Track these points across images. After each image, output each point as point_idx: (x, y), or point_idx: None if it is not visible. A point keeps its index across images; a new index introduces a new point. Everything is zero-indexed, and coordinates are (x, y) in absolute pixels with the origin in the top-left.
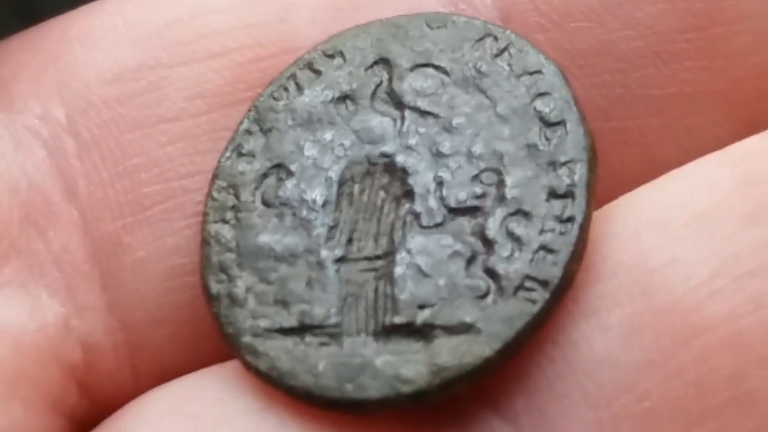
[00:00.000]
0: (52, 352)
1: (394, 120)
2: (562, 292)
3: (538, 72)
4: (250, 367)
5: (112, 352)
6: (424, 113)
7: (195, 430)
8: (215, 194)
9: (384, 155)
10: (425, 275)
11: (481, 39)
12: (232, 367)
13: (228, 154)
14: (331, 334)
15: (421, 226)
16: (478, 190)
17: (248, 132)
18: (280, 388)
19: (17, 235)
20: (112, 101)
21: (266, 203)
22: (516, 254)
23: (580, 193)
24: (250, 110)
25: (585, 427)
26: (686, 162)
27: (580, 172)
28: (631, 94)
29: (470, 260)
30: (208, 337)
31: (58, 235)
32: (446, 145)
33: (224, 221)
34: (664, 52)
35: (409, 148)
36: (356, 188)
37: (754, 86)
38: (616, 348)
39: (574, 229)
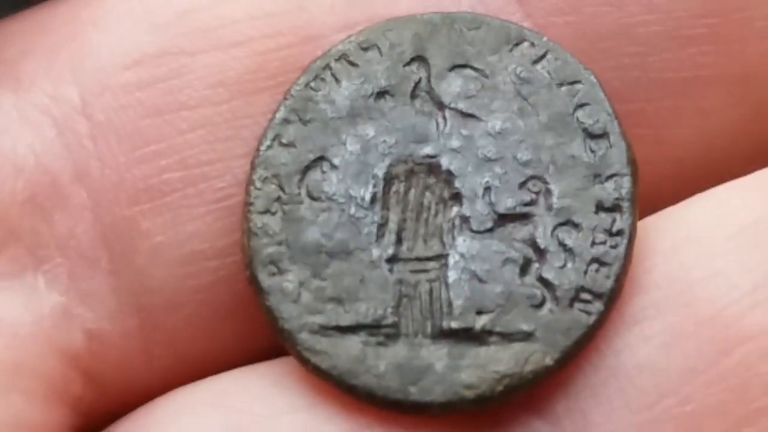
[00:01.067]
0: (51, 342)
1: (436, 120)
2: (613, 303)
3: (578, 82)
4: (308, 364)
5: (120, 338)
6: (465, 115)
7: (238, 424)
8: (258, 184)
9: (428, 156)
10: (481, 281)
11: (517, 44)
12: (272, 365)
13: (268, 143)
14: (388, 334)
15: (472, 231)
16: (526, 197)
17: (287, 121)
18: (340, 386)
19: (17, 220)
20: (130, 86)
21: (312, 197)
22: (569, 265)
23: (627, 207)
24: (286, 98)
25: (627, 430)
26: (698, 144)
27: (626, 186)
28: (647, 77)
29: (523, 268)
30: (226, 319)
31: (65, 218)
32: (491, 150)
33: (270, 212)
34: (682, 36)
35: (453, 150)
36: (402, 187)
37: (767, 70)
38: (659, 355)
39: (624, 242)
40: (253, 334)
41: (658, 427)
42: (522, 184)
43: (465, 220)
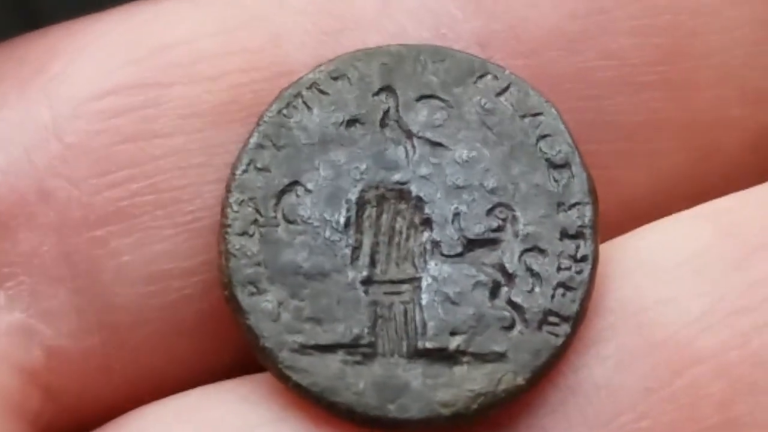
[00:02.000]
0: (8, 359)
1: (405, 148)
2: (579, 325)
3: (540, 114)
4: (289, 382)
5: (80, 355)
6: (433, 144)
7: None
8: (235, 207)
9: (398, 182)
10: (453, 303)
11: (482, 76)
12: (239, 382)
13: (243, 167)
14: (365, 353)
15: (443, 254)
16: (494, 223)
17: (261, 146)
18: (320, 403)
19: None
20: (105, 112)
21: (288, 220)
22: (537, 289)
23: (590, 234)
24: (259, 124)
25: None
26: (646, 185)
27: (588, 214)
28: (602, 120)
29: (493, 291)
30: (188, 337)
31: (29, 237)
32: (459, 177)
33: (248, 234)
34: (635, 82)
35: (422, 177)
36: (374, 212)
37: (712, 117)
38: (615, 374)
39: (588, 268)
40: (214, 353)
41: None
42: (490, 211)
43: (436, 244)
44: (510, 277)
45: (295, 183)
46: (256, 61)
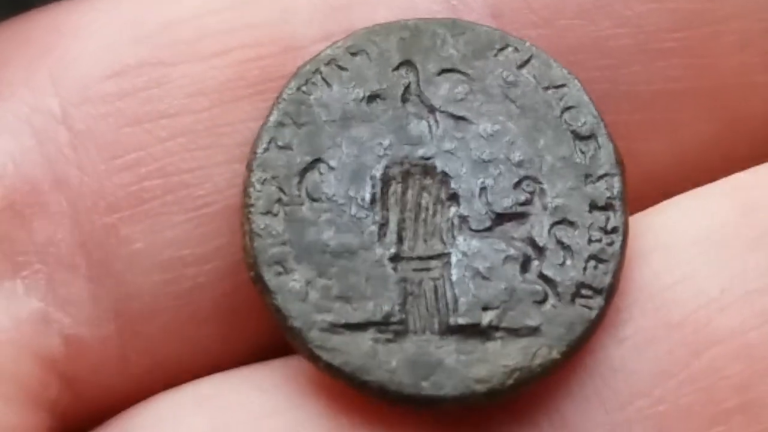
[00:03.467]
0: (29, 347)
1: (428, 123)
2: (612, 297)
3: (564, 86)
4: (319, 361)
5: (98, 344)
6: (456, 118)
7: (225, 425)
8: (258, 185)
9: (423, 158)
10: (484, 278)
11: (502, 49)
12: (253, 369)
13: (264, 145)
14: (397, 331)
15: (471, 230)
16: (522, 197)
17: (281, 124)
18: (352, 383)
19: None
20: (110, 95)
21: (312, 198)
22: (568, 262)
23: (620, 205)
24: (278, 102)
25: (602, 429)
26: (668, 156)
27: (617, 185)
28: (617, 90)
29: (524, 265)
30: (203, 326)
31: (44, 225)
32: (485, 152)
33: (272, 213)
34: (652, 50)
35: (447, 152)
36: (399, 188)
37: (737, 85)
38: (631, 357)
39: (619, 239)
40: (230, 341)
41: (631, 426)
42: (517, 184)
43: (463, 219)
44: (540, 250)
45: (318, 160)
46: (263, 37)
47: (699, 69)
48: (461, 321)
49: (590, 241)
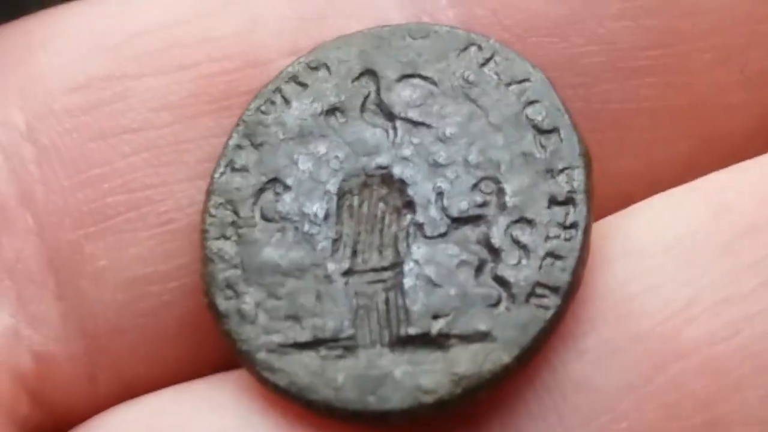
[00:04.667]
0: (0, 363)
1: (387, 131)
2: (571, 296)
3: (526, 80)
4: (267, 383)
5: (66, 361)
6: (415, 123)
7: None
8: (213, 210)
9: (380, 167)
10: (436, 285)
11: (465, 48)
12: (212, 382)
13: (221, 169)
14: (346, 346)
15: (426, 237)
16: (479, 198)
17: (239, 147)
18: (299, 402)
19: None
20: (75, 109)
21: (266, 218)
22: (524, 261)
23: (581, 198)
24: (238, 125)
25: None
26: (643, 175)
27: (578, 178)
28: (591, 108)
29: (478, 269)
30: (169, 345)
31: (12, 242)
32: (442, 155)
33: (225, 237)
34: (626, 68)
35: (404, 159)
36: (355, 200)
37: (713, 103)
38: (593, 371)
39: (578, 234)
40: (199, 359)
41: None
42: (474, 186)
43: (419, 226)
44: (496, 252)
45: (275, 180)
46: (229, 50)
47: (674, 87)
48: (411, 331)
49: (548, 237)
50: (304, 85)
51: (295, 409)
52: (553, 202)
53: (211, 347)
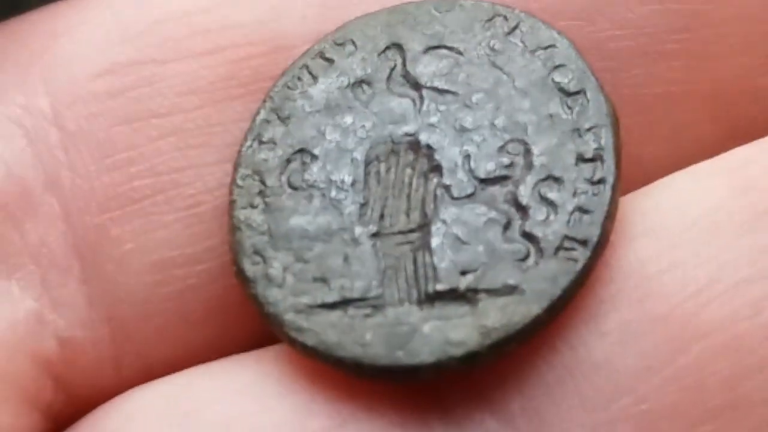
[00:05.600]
0: (24, 348)
1: (413, 100)
2: (600, 250)
3: (552, 46)
4: (295, 343)
5: (91, 346)
6: (442, 92)
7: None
8: (240, 182)
9: (407, 134)
10: (463, 243)
11: (490, 19)
12: (219, 365)
13: (249, 143)
14: (374, 305)
15: (453, 198)
16: (506, 160)
17: (266, 121)
18: (327, 360)
19: None
20: (101, 94)
21: (293, 186)
22: (552, 217)
23: (608, 155)
24: (265, 101)
25: (582, 430)
26: (670, 160)
27: (605, 136)
28: (618, 93)
29: (506, 226)
30: (195, 329)
31: (36, 227)
32: (468, 120)
33: (252, 206)
34: (653, 52)
35: (431, 125)
36: (382, 167)
37: (740, 87)
38: (614, 352)
39: (606, 189)
40: (224, 344)
41: (613, 426)
42: (501, 148)
43: (446, 188)
44: (524, 209)
45: (301, 151)
46: (254, 36)
47: (701, 72)
48: (439, 287)
49: (575, 193)
50: (330, 61)
51: (314, 388)
52: (580, 159)
53: (238, 331)
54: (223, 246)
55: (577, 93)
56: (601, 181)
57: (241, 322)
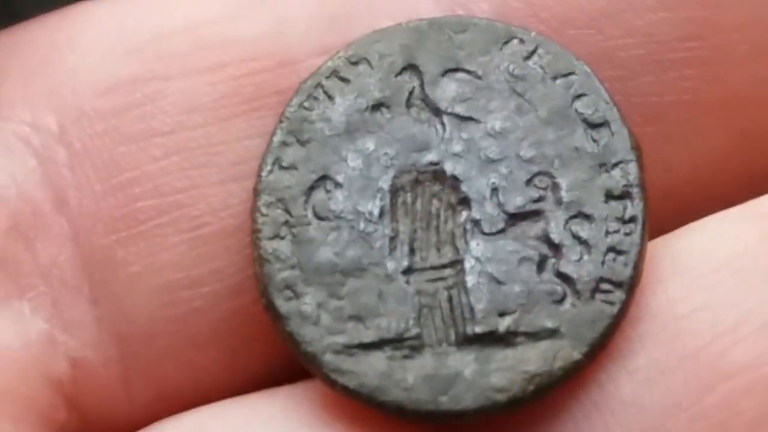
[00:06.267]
0: (37, 368)
1: (435, 127)
2: (634, 291)
3: (572, 73)
4: (335, 385)
5: (102, 367)
6: (463, 118)
7: None
8: (264, 210)
9: (431, 163)
10: (499, 282)
11: (507, 42)
12: (255, 398)
13: (269, 167)
14: (412, 346)
15: (484, 233)
16: (534, 194)
17: (285, 144)
18: (370, 404)
19: (3, 247)
20: (105, 112)
21: (320, 217)
22: (586, 257)
23: (637, 192)
24: (281, 121)
25: None
26: (681, 169)
27: (633, 171)
28: (629, 102)
29: (540, 265)
30: (203, 351)
31: (47, 247)
32: (493, 150)
33: (280, 237)
34: (664, 60)
35: (455, 155)
36: (408, 197)
37: (752, 95)
38: (643, 390)
39: (638, 228)
40: (232, 367)
41: None
42: (528, 181)
43: (476, 223)
44: (557, 247)
45: (324, 177)
46: (258, 51)
47: (712, 80)
48: (478, 330)
49: (607, 232)
50: (346, 81)
51: (352, 416)
52: (609, 196)
53: (245, 354)
54: (228, 268)
55: (601, 125)
56: (632, 219)
57: (249, 346)
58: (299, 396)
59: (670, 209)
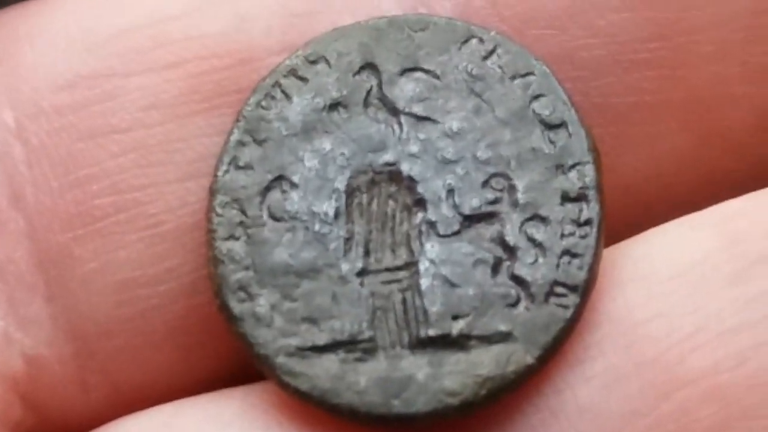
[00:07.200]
0: None
1: (392, 127)
2: (588, 295)
3: (530, 74)
4: (288, 388)
5: (57, 364)
6: (420, 118)
7: None
8: (219, 210)
9: (387, 164)
10: (453, 285)
11: (466, 41)
12: (212, 397)
13: (225, 167)
14: (365, 349)
15: (439, 235)
16: (490, 195)
17: (241, 143)
18: (322, 407)
19: None
20: (63, 108)
21: (275, 217)
22: (540, 260)
23: (593, 195)
24: (238, 120)
25: None
26: (643, 170)
27: (589, 174)
28: (590, 102)
29: (495, 267)
30: (159, 350)
31: (2, 244)
32: (450, 151)
33: (234, 238)
34: (626, 60)
35: (412, 155)
36: (364, 198)
37: (714, 96)
38: (599, 397)
39: (593, 231)
40: (189, 365)
41: None
42: (485, 183)
43: (431, 224)
44: (512, 250)
45: (281, 178)
46: (218, 48)
47: (674, 80)
48: (431, 333)
49: (563, 235)
50: (304, 80)
51: (306, 419)
52: (565, 198)
53: (202, 353)
54: (184, 267)
55: (558, 126)
56: (587, 222)
57: (205, 344)
58: (255, 397)
59: (631, 211)
